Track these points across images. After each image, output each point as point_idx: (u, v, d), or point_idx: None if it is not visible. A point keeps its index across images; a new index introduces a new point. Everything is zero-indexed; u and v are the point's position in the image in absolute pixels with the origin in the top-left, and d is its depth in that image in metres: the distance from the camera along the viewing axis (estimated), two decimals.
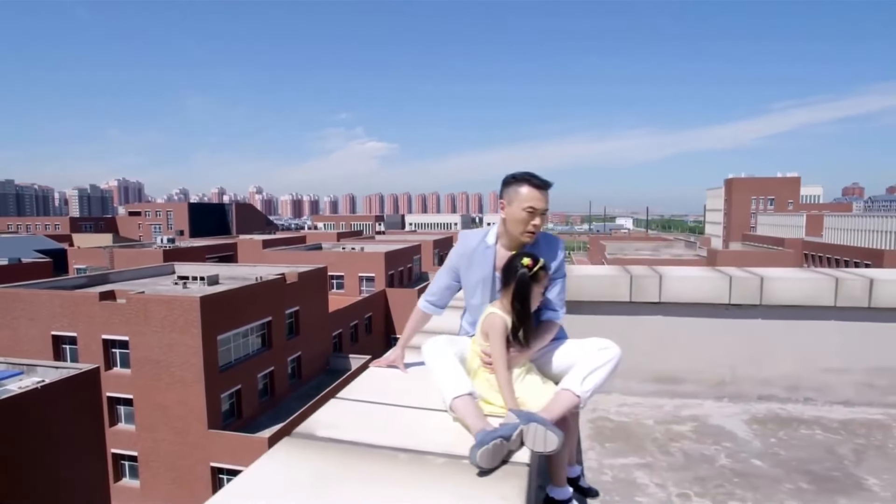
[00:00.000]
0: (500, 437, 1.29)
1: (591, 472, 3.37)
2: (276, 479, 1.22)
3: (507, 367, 1.55)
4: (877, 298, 4.23)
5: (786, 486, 3.18)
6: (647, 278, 4.48)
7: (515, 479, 1.23)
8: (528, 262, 1.61)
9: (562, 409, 1.53)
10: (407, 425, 1.48)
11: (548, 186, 1.77)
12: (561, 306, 1.83)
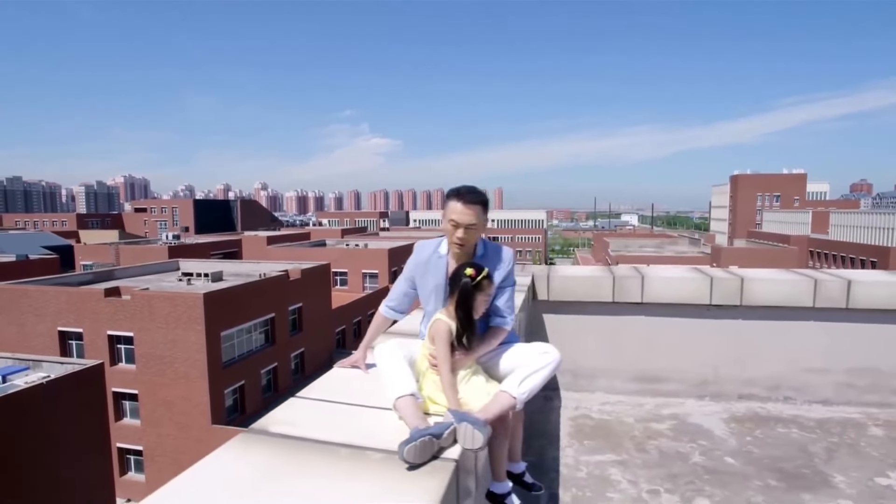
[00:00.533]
0: (429, 435, 1.39)
1: (566, 469, 3.48)
2: (223, 472, 1.33)
3: (451, 370, 1.64)
4: (854, 300, 4.31)
5: (755, 483, 3.27)
6: (630, 279, 4.57)
7: (442, 474, 1.33)
8: (470, 273, 1.71)
9: (498, 410, 1.63)
10: (359, 423, 1.58)
11: (474, 201, 1.85)
12: (509, 313, 1.92)
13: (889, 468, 3.44)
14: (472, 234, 1.89)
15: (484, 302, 1.74)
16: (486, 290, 1.74)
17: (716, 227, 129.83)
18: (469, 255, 1.90)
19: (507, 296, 1.90)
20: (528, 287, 4.35)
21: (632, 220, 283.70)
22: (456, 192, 1.87)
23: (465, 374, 1.70)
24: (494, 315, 1.88)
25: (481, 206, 1.86)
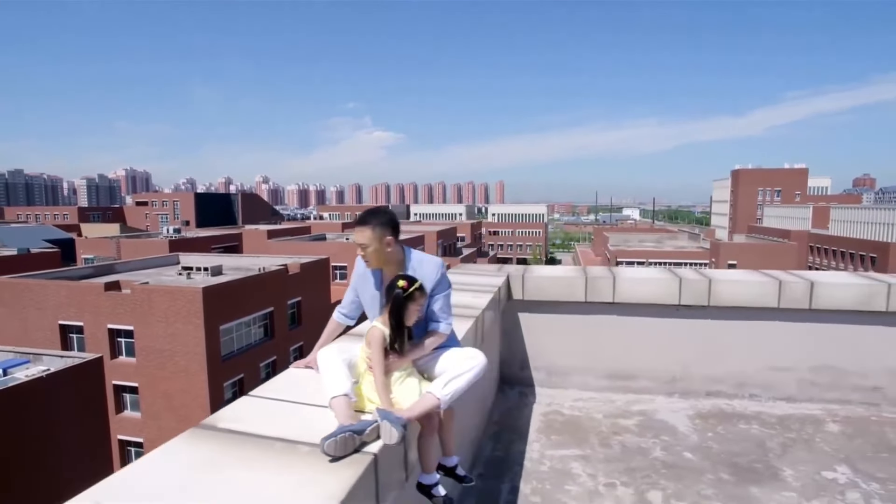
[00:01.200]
0: (350, 431, 1.55)
1: (530, 463, 3.65)
2: (168, 464, 1.50)
3: (384, 373, 1.80)
4: (817, 300, 4.46)
5: (708, 476, 3.44)
6: (602, 279, 4.72)
7: (358, 466, 1.49)
8: (402, 284, 1.87)
9: (422, 409, 1.78)
10: (299, 420, 1.74)
11: (362, 224, 2.00)
12: (445, 317, 2.06)
13: (837, 462, 3.60)
14: (370, 253, 2.04)
15: (416, 311, 1.90)
16: (418, 301, 1.89)
17: (716, 222, 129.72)
18: (400, 267, 2.05)
19: (442, 302, 2.04)
20: (501, 287, 4.50)
21: (633, 215, 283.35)
22: (356, 217, 2.04)
23: (399, 375, 1.86)
24: (431, 320, 2.02)
25: (370, 227, 2.00)
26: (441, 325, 2.02)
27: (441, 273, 2.07)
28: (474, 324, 3.19)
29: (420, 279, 1.94)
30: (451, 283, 2.17)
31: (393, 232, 2.03)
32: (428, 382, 1.94)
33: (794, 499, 3.17)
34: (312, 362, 2.17)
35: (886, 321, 4.42)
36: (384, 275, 2.09)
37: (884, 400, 4.52)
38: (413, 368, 1.97)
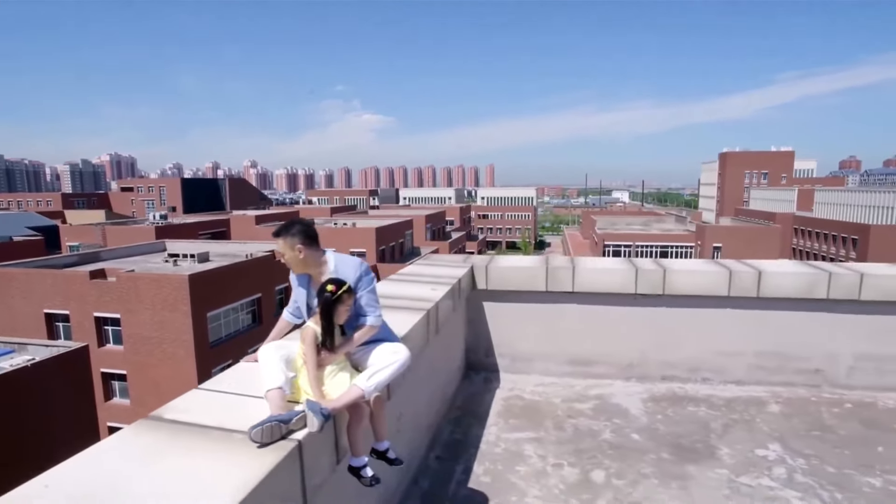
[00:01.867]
0: (276, 421, 1.73)
1: (486, 445, 3.86)
2: (114, 452, 1.66)
3: (317, 367, 1.97)
4: (764, 289, 4.68)
5: (650, 456, 3.67)
6: (562, 269, 4.91)
7: (282, 451, 1.67)
8: (331, 289, 2.03)
9: (347, 400, 1.95)
10: (240, 411, 1.91)
11: (275, 235, 2.18)
12: (371, 311, 2.20)
13: (771, 441, 3.85)
14: (287, 260, 2.22)
15: (345, 311, 2.06)
16: (346, 302, 2.05)
17: (704, 205, 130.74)
18: (321, 269, 2.20)
19: (367, 297, 2.19)
20: (462, 278, 4.67)
21: (622, 197, 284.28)
22: (281, 232, 2.19)
23: (332, 369, 2.03)
24: (359, 315, 2.18)
25: (282, 239, 2.18)
26: (369, 319, 2.17)
27: (360, 272, 2.22)
28: (425, 316, 3.36)
29: (343, 278, 2.10)
30: (374, 278, 2.32)
31: (304, 241, 2.18)
32: (358, 374, 2.10)
33: (726, 475, 3.41)
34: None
35: (827, 308, 4.66)
36: (311, 278, 2.25)
37: (824, 381, 4.78)
38: (346, 362, 2.13)
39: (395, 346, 2.17)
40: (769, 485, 3.30)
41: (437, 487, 3.33)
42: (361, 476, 2.01)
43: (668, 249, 56.62)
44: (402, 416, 3.17)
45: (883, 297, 4.55)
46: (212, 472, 1.58)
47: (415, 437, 3.53)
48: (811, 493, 3.20)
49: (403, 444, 3.28)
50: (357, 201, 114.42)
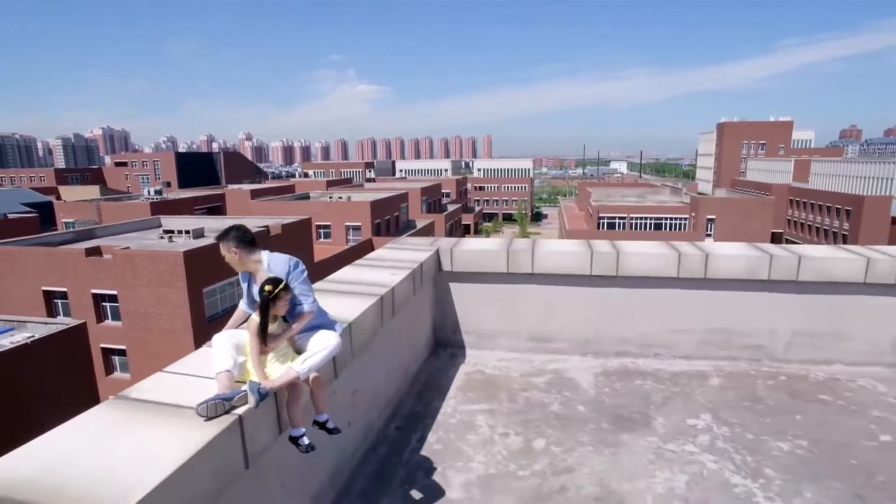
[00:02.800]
0: (220, 398, 2.03)
1: (442, 416, 4.21)
2: (86, 426, 1.97)
3: (259, 353, 2.25)
4: (711, 271, 4.98)
5: (590, 426, 4.02)
6: (522, 252, 5.19)
7: (223, 424, 1.98)
8: (268, 289, 2.30)
9: (284, 381, 2.25)
10: (195, 391, 2.19)
11: (217, 240, 2.46)
12: (305, 300, 2.47)
13: (704, 411, 4.21)
14: (228, 262, 2.49)
15: (283, 306, 2.33)
16: (283, 298, 2.32)
17: (701, 176, 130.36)
18: (258, 268, 2.47)
19: (299, 288, 2.47)
20: (425, 262, 4.95)
21: (620, 168, 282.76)
22: (222, 237, 2.46)
23: (276, 354, 2.32)
24: (295, 305, 2.46)
25: (221, 244, 2.46)
26: (304, 307, 2.45)
27: (290, 266, 2.48)
28: (379, 301, 3.65)
29: (275, 274, 2.38)
30: (304, 270, 2.58)
31: (237, 245, 2.46)
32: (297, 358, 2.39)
33: (655, 443, 3.77)
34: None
35: (768, 288, 4.96)
36: (252, 276, 2.53)
37: (765, 356, 5.12)
38: (289, 348, 2.43)
39: (328, 334, 2.45)
40: (691, 450, 3.66)
41: (393, 454, 3.68)
42: (299, 444, 2.33)
43: (663, 221, 56.80)
44: (358, 391, 3.49)
45: (818, 279, 4.86)
46: (162, 441, 1.89)
47: (373, 410, 3.87)
48: (725, 457, 3.56)
49: (360, 416, 3.62)
50: (353, 174, 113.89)
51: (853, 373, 4.91)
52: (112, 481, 1.69)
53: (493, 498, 3.18)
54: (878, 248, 5.17)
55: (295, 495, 2.74)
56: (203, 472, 1.88)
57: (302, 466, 2.77)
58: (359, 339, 3.28)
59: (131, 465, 1.77)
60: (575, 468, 3.47)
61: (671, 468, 3.45)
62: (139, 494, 1.63)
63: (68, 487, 1.66)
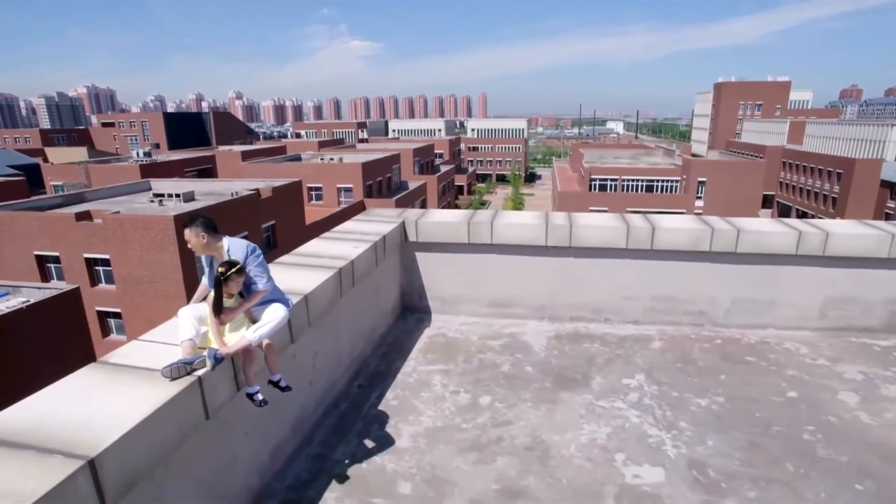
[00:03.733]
0: (182, 362, 2.40)
1: (402, 376, 4.63)
2: (70, 386, 2.35)
3: (218, 324, 2.61)
4: (657, 242, 5.34)
5: (534, 385, 4.46)
6: (482, 224, 5.53)
7: (184, 383, 2.37)
8: (221, 270, 2.63)
9: (238, 347, 2.61)
10: (165, 356, 2.56)
11: (184, 227, 2.75)
12: (259, 280, 2.79)
13: (639, 372, 4.65)
14: (192, 246, 2.79)
15: (236, 284, 2.67)
16: (235, 280, 2.66)
17: (697, 137, 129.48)
18: (220, 252, 2.80)
19: (255, 270, 2.80)
20: (388, 235, 5.29)
21: (617, 128, 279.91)
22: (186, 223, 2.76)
23: (233, 325, 2.68)
24: (250, 284, 2.81)
25: (189, 230, 2.74)
26: (258, 286, 2.80)
27: (247, 251, 2.81)
28: (337, 273, 4.00)
29: (235, 257, 2.72)
30: (260, 254, 2.90)
31: (205, 230, 2.77)
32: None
33: (589, 399, 4.22)
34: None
35: (710, 259, 5.34)
36: (213, 258, 2.86)
37: (707, 321, 5.56)
38: (246, 319, 2.79)
39: (278, 308, 2.81)
40: (619, 406, 4.11)
41: (353, 409, 4.12)
42: (254, 400, 2.72)
43: (654, 183, 56.93)
44: (318, 354, 3.89)
45: (755, 250, 5.24)
46: (132, 398, 2.28)
47: (336, 370, 4.28)
48: (648, 412, 4.01)
49: (323, 375, 4.04)
50: (345, 134, 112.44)
51: (782, 336, 5.36)
52: (90, 429, 2.08)
53: (435, 447, 3.63)
54: (812, 221, 5.53)
55: (257, 443, 3.17)
56: (167, 422, 2.28)
57: (265, 418, 3.18)
58: (316, 309, 3.65)
59: (106, 416, 2.15)
60: (513, 421, 3.92)
61: (598, 422, 3.91)
62: (111, 439, 2.01)
63: (56, 434, 2.04)
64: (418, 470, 3.40)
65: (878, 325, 5.40)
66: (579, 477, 3.32)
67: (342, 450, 3.64)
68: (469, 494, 3.18)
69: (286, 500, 3.19)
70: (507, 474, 3.35)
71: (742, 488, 3.23)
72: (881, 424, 3.88)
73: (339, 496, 3.20)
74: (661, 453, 3.55)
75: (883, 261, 5.19)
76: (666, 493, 3.18)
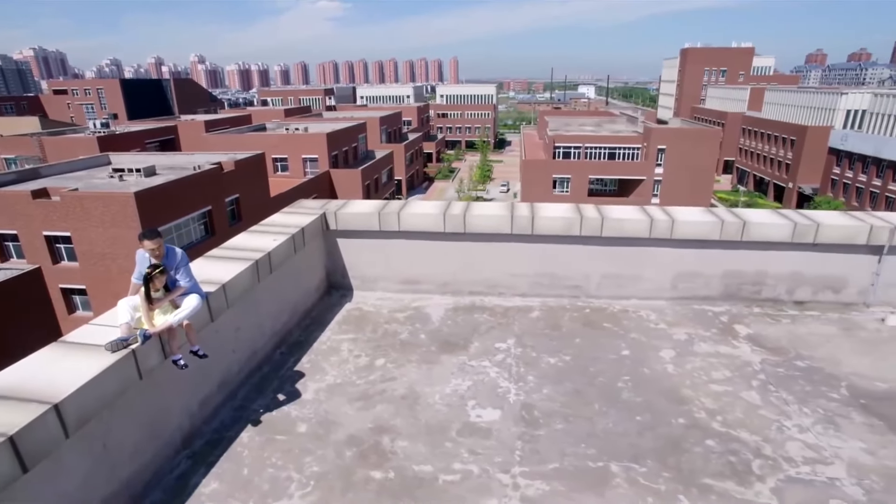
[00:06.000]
0: (119, 339, 3.33)
1: (317, 344, 5.65)
2: (36, 361, 3.27)
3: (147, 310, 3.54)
4: (536, 229, 6.39)
5: (422, 349, 5.53)
6: (391, 214, 6.49)
7: (121, 355, 3.32)
8: (147, 271, 3.55)
9: (161, 328, 3.55)
10: (109, 336, 3.47)
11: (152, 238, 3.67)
12: (184, 279, 3.73)
13: (512, 336, 5.76)
14: (155, 250, 3.69)
15: (160, 282, 3.59)
16: (159, 278, 3.58)
17: (664, 102, 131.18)
18: (160, 258, 3.71)
19: (182, 271, 3.74)
20: (307, 227, 6.22)
21: (588, 92, 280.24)
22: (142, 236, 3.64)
23: (159, 311, 3.61)
24: (174, 280, 3.74)
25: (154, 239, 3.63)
26: (181, 283, 3.74)
27: (179, 256, 3.75)
28: (254, 264, 4.94)
29: (171, 262, 3.65)
30: (187, 259, 3.84)
31: (162, 241, 3.69)
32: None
33: (463, 360, 5.31)
34: None
35: (581, 241, 6.43)
36: (151, 258, 3.76)
37: (582, 294, 6.70)
38: (170, 306, 3.73)
39: (194, 297, 3.77)
40: (484, 365, 5.22)
41: (272, 372, 5.13)
42: (177, 364, 3.70)
43: (616, 151, 58.37)
44: (240, 328, 4.87)
45: (617, 234, 6.34)
46: (85, 366, 3.22)
47: (259, 340, 5.27)
48: (504, 368, 5.13)
49: (246, 345, 5.02)
50: (312, 102, 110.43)
51: (640, 305, 6.54)
52: (55, 385, 3.03)
53: (332, 398, 4.68)
54: (667, 208, 6.65)
55: (187, 396, 4.16)
56: (109, 380, 3.24)
57: (194, 378, 4.17)
58: (234, 294, 4.61)
59: (65, 377, 3.10)
60: (397, 378, 4.99)
61: (463, 377, 5.01)
62: (69, 391, 2.97)
63: (31, 389, 2.99)
64: (315, 415, 4.46)
65: (715, 295, 6.63)
66: (435, 418, 4.42)
67: (259, 402, 4.66)
68: (349, 431, 4.26)
69: (211, 439, 4.21)
70: (381, 417, 4.43)
71: (554, 423, 4.38)
72: (678, 374, 5.08)
73: (252, 435, 4.24)
74: (503, 400, 4.67)
75: (718, 242, 6.37)
76: (496, 427, 4.31)
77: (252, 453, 4.05)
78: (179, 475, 3.86)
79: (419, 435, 4.22)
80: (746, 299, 6.62)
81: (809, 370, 5.17)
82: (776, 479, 3.79)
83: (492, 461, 3.93)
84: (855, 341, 5.73)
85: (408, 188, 74.10)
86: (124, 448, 3.52)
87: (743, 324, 6.12)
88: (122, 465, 3.51)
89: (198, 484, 3.76)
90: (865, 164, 56.26)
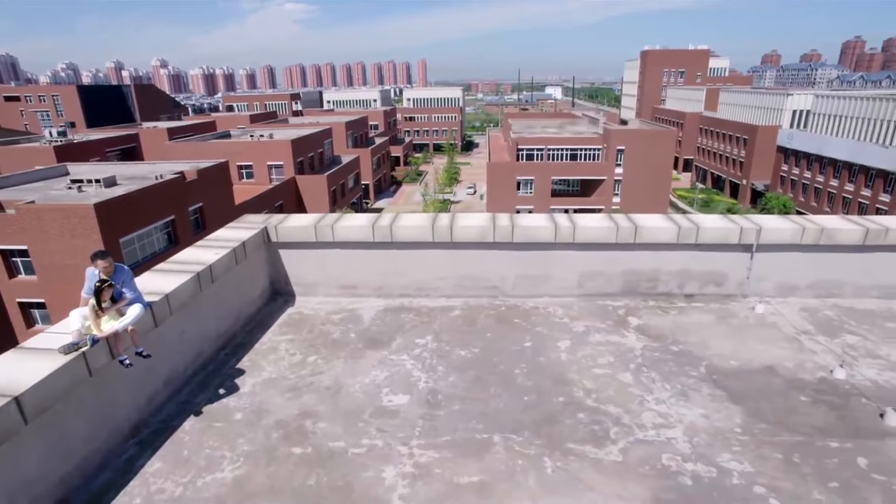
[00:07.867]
0: (71, 343, 3.99)
1: (259, 345, 6.34)
2: (2, 362, 3.93)
3: (96, 318, 4.20)
4: (455, 236, 7.21)
5: (350, 347, 6.28)
6: (325, 227, 7.22)
7: (72, 357, 3.99)
8: (97, 285, 4.21)
9: (108, 333, 4.21)
10: (63, 341, 4.12)
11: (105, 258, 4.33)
12: (128, 290, 4.41)
13: (431, 333, 6.56)
14: (105, 268, 4.35)
15: (108, 294, 4.25)
16: (107, 290, 4.23)
17: (626, 103, 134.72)
18: (109, 274, 4.38)
19: (128, 284, 4.41)
20: (249, 241, 6.91)
21: (555, 93, 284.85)
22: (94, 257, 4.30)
23: (107, 318, 4.27)
24: (122, 293, 4.41)
25: (107, 259, 4.27)
26: (126, 294, 4.42)
27: (125, 272, 4.42)
28: (195, 276, 5.62)
29: (119, 277, 4.32)
30: (132, 274, 4.53)
31: (112, 261, 4.36)
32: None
33: (385, 355, 6.07)
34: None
35: (496, 247, 7.27)
36: (99, 275, 4.42)
37: (500, 294, 7.55)
38: (116, 314, 4.39)
39: (137, 307, 4.45)
40: (403, 358, 6.00)
41: (216, 370, 5.82)
42: (122, 363, 4.37)
43: (578, 152, 60.11)
44: (185, 332, 5.54)
45: (527, 240, 7.20)
46: (41, 366, 3.88)
47: (204, 343, 5.94)
48: (419, 362, 5.93)
49: (192, 347, 5.69)
50: (278, 107, 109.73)
51: (551, 302, 7.42)
52: (16, 381, 3.68)
53: (266, 391, 5.40)
54: (572, 216, 7.56)
55: (134, 392, 4.83)
56: (61, 377, 3.91)
57: (141, 377, 4.84)
58: (177, 303, 5.28)
59: (25, 375, 3.76)
60: (325, 372, 5.74)
61: (382, 369, 5.78)
62: (27, 386, 3.64)
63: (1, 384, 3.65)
64: (250, 405, 5.17)
65: (616, 291, 7.57)
66: (352, 404, 5.18)
67: (203, 396, 5.35)
68: (278, 417, 4.99)
69: (157, 428, 4.88)
70: (307, 404, 5.17)
71: (453, 404, 5.18)
72: (568, 361, 5.96)
73: (194, 423, 4.93)
74: (414, 387, 5.47)
75: (615, 245, 7.30)
76: (403, 409, 5.09)
77: (192, 438, 4.74)
78: (127, 459, 4.53)
79: (337, 418, 4.97)
80: (644, 294, 7.57)
81: (679, 353, 6.11)
82: (626, 441, 4.68)
83: (395, 436, 4.71)
84: (725, 327, 6.72)
85: (375, 192, 74.53)
86: (77, 435, 4.18)
87: (636, 316, 7.05)
88: (76, 450, 4.17)
89: (143, 465, 4.44)
90: (810, 162, 59.32)
